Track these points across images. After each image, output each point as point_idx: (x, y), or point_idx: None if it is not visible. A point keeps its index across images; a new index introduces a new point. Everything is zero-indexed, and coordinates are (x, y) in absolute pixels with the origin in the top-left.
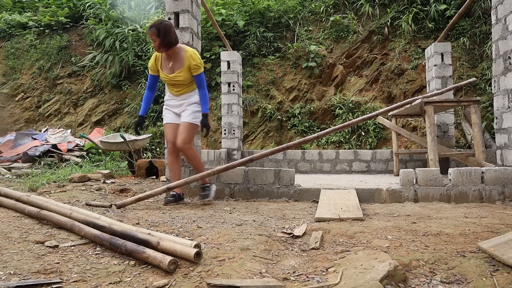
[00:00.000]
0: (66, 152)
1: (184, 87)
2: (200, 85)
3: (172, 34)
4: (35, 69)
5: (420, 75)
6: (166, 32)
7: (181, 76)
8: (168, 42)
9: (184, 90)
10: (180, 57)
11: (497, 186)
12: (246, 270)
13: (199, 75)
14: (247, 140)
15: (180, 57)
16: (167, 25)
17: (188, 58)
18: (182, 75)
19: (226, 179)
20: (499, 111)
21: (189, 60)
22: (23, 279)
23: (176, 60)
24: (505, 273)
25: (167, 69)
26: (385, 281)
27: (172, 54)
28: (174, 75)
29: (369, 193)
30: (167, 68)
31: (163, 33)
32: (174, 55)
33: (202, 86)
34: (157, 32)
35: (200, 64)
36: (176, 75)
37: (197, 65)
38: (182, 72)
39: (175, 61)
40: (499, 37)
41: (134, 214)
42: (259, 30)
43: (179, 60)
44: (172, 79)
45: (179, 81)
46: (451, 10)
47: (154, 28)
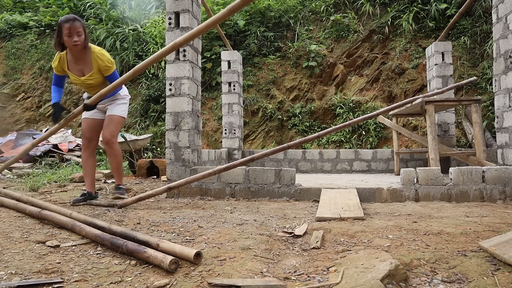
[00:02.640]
0: (67, 152)
1: (99, 87)
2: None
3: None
4: (36, 69)
5: (421, 74)
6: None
7: (92, 79)
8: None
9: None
10: (87, 58)
11: (498, 185)
12: (247, 269)
13: (111, 75)
14: (247, 140)
15: (88, 58)
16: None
17: (95, 59)
18: (93, 77)
19: (227, 179)
20: (500, 110)
21: (97, 61)
22: (24, 279)
23: (84, 61)
24: (506, 272)
25: (76, 71)
26: (386, 280)
27: (79, 54)
28: (85, 78)
29: (370, 192)
30: (76, 70)
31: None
32: (81, 56)
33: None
34: (83, 25)
35: (110, 63)
36: (87, 78)
37: (106, 66)
38: (94, 75)
39: (83, 63)
40: (500, 36)
41: (135, 214)
42: (259, 30)
43: (87, 61)
44: (84, 82)
45: (91, 84)
46: (451, 9)
47: (79, 22)
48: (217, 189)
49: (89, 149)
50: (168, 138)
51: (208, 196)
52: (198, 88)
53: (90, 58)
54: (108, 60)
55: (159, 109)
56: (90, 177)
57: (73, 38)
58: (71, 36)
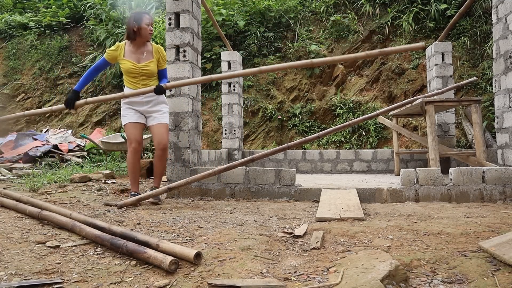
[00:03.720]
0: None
1: (150, 80)
2: (165, 77)
3: None
4: (36, 69)
5: (421, 74)
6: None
7: (150, 66)
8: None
9: (150, 83)
10: (148, 50)
11: (498, 185)
12: (247, 270)
13: (165, 69)
14: (247, 140)
15: (149, 49)
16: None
17: (156, 51)
18: (151, 66)
19: (227, 179)
20: (500, 111)
21: (158, 53)
22: (24, 279)
23: (143, 52)
24: (507, 273)
25: (134, 58)
26: (386, 280)
27: (142, 45)
28: (143, 65)
29: (370, 192)
30: (134, 58)
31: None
32: (143, 47)
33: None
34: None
35: (166, 59)
36: (145, 64)
37: (164, 60)
38: (152, 64)
39: (141, 53)
40: (500, 36)
41: (135, 214)
42: (259, 30)
43: (148, 52)
44: (141, 69)
45: (148, 72)
46: (451, 9)
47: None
48: (217, 190)
49: (138, 153)
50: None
51: (208, 197)
52: (198, 88)
53: (151, 49)
54: (165, 55)
55: None
56: (137, 179)
57: (150, 27)
58: (148, 25)
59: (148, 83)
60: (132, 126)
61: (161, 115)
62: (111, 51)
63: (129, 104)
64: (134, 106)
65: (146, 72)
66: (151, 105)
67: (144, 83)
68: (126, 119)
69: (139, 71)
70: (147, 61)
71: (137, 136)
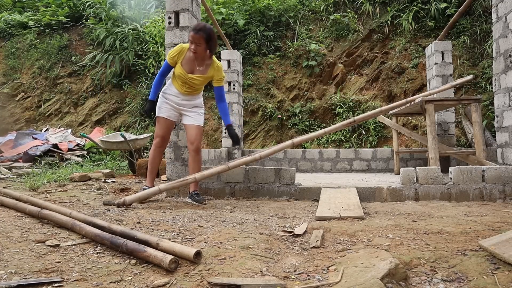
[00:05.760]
0: (66, 151)
1: (194, 90)
2: (222, 98)
3: (216, 43)
4: (36, 68)
5: (421, 73)
6: (214, 39)
7: (199, 80)
8: (211, 50)
9: (193, 92)
10: (206, 64)
11: (498, 184)
12: (247, 268)
13: (221, 87)
14: (247, 139)
15: (206, 64)
16: (213, 30)
17: (215, 69)
18: (200, 80)
19: (227, 178)
20: (500, 110)
21: (216, 71)
22: (24, 278)
23: (200, 65)
24: (506, 271)
25: (187, 66)
26: (386, 279)
27: (202, 58)
28: (193, 77)
29: (370, 191)
30: (187, 66)
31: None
32: (202, 59)
33: (223, 99)
34: (206, 37)
35: (223, 78)
36: (195, 77)
37: (221, 78)
38: (202, 78)
39: (199, 65)
40: (499, 35)
41: (135, 213)
42: (259, 29)
43: (203, 66)
44: (189, 79)
45: (194, 84)
46: (451, 8)
47: (203, 33)
48: (217, 189)
49: (162, 148)
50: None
51: (208, 196)
52: None
53: (208, 64)
54: (223, 74)
55: None
56: (154, 174)
57: (192, 46)
58: (192, 43)
59: (191, 92)
60: (162, 121)
61: (197, 116)
62: (172, 52)
63: (167, 99)
64: (171, 102)
65: (192, 84)
66: (188, 106)
67: (188, 91)
68: (159, 113)
69: (185, 80)
70: (197, 74)
71: (163, 132)
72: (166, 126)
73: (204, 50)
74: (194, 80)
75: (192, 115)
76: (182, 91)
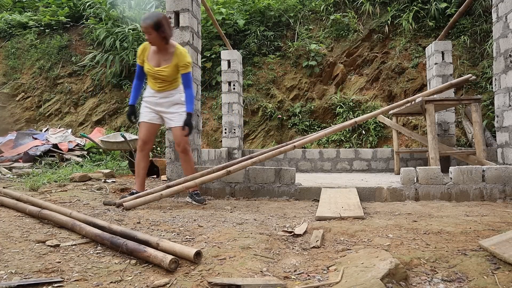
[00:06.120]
0: (67, 151)
1: (167, 83)
2: (187, 84)
3: (169, 28)
4: (36, 68)
5: (421, 73)
6: (163, 25)
7: (166, 71)
8: (164, 37)
9: (166, 87)
10: (169, 53)
11: (498, 184)
12: (247, 268)
13: (187, 74)
14: (247, 139)
15: (169, 52)
16: (164, 18)
17: (177, 55)
18: (167, 70)
19: (227, 178)
20: (500, 109)
21: (179, 57)
22: (24, 278)
23: (164, 55)
24: (506, 271)
25: (153, 61)
26: (386, 279)
27: (162, 49)
28: (159, 69)
29: (370, 191)
30: (153, 61)
31: (160, 26)
32: (164, 50)
33: (189, 85)
34: (153, 25)
35: (189, 63)
36: (161, 69)
37: (186, 64)
38: (168, 68)
39: (163, 56)
40: (500, 35)
41: (135, 213)
42: (259, 29)
43: (168, 55)
44: (156, 73)
45: (163, 76)
46: (451, 8)
47: (150, 21)
48: (217, 189)
49: (144, 151)
50: (168, 137)
51: (208, 195)
52: (198, 87)
53: (171, 53)
54: (187, 59)
55: None
56: (141, 178)
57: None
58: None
59: (164, 86)
60: (142, 125)
61: (178, 116)
62: (138, 53)
63: (146, 102)
64: (150, 105)
65: (161, 77)
66: (166, 106)
67: (160, 86)
68: (140, 118)
69: (154, 75)
70: (163, 66)
71: (143, 136)
72: (146, 130)
73: (158, 38)
74: (162, 72)
75: (173, 116)
76: (156, 88)
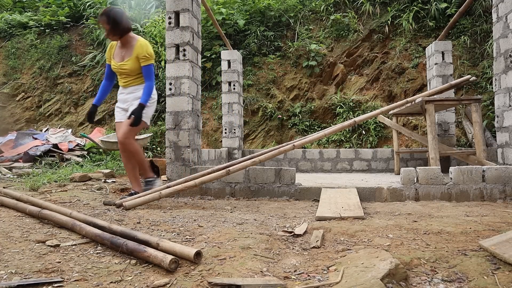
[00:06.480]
0: (67, 151)
1: (131, 78)
2: (147, 76)
3: (123, 21)
4: (36, 68)
5: (421, 73)
6: (117, 19)
7: (127, 65)
8: (120, 30)
9: (131, 81)
10: (130, 46)
11: (498, 184)
12: (247, 269)
13: (147, 66)
14: (247, 139)
15: (131, 46)
16: (118, 11)
17: (137, 47)
18: (129, 64)
19: (227, 178)
20: (500, 110)
21: (138, 49)
22: (24, 278)
23: (127, 49)
24: (507, 272)
25: (118, 57)
26: (386, 279)
27: (125, 43)
28: (122, 63)
29: (370, 191)
30: (118, 56)
31: (114, 20)
32: (126, 44)
33: (149, 78)
34: (107, 20)
35: (149, 55)
36: (123, 63)
37: (145, 56)
38: (130, 61)
39: (126, 50)
40: (500, 35)
41: (135, 213)
42: (259, 29)
43: (130, 49)
44: (120, 68)
45: (126, 70)
46: (451, 8)
47: (104, 16)
48: (217, 189)
49: (124, 152)
50: (168, 137)
51: (208, 196)
52: (198, 87)
53: (133, 46)
54: (147, 50)
55: (159, 109)
56: (135, 177)
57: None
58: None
59: (128, 81)
60: (116, 126)
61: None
62: (106, 54)
63: (118, 101)
64: (119, 103)
65: (124, 71)
66: (131, 101)
67: (125, 81)
68: (115, 119)
69: (118, 70)
70: (126, 60)
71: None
72: (118, 129)
73: (114, 32)
74: (124, 66)
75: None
76: (122, 84)
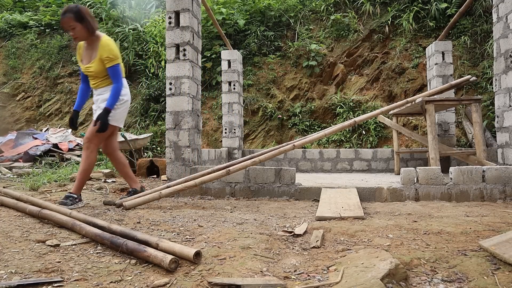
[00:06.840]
0: (67, 151)
1: (98, 79)
2: (113, 77)
3: (91, 19)
4: (36, 68)
5: (421, 74)
6: (85, 16)
7: (92, 67)
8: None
9: (99, 83)
10: (96, 46)
11: (498, 184)
12: (247, 268)
13: (111, 67)
14: (247, 139)
15: (96, 46)
16: (84, 8)
17: (100, 48)
18: (93, 66)
19: (227, 178)
20: (500, 110)
21: (101, 50)
22: (24, 278)
23: (93, 50)
24: (507, 272)
25: (85, 59)
26: (386, 279)
27: (91, 43)
28: (87, 66)
29: (370, 192)
30: (85, 58)
31: (82, 17)
32: (92, 44)
33: (115, 79)
34: (74, 17)
35: (113, 56)
36: (89, 65)
37: (108, 57)
38: (94, 63)
39: (92, 51)
40: (500, 35)
41: (135, 213)
42: (259, 29)
43: (95, 49)
44: (86, 70)
45: (91, 72)
46: (452, 8)
47: (71, 13)
48: (217, 189)
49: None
50: (168, 137)
51: (208, 196)
52: (198, 87)
53: (97, 46)
54: (110, 51)
55: (159, 109)
56: (129, 175)
57: (70, 34)
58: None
59: (96, 83)
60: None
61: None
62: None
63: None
64: (94, 106)
65: (91, 73)
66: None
67: (93, 82)
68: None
69: (86, 72)
70: (91, 61)
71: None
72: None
73: (83, 31)
74: (90, 68)
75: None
76: (91, 86)
